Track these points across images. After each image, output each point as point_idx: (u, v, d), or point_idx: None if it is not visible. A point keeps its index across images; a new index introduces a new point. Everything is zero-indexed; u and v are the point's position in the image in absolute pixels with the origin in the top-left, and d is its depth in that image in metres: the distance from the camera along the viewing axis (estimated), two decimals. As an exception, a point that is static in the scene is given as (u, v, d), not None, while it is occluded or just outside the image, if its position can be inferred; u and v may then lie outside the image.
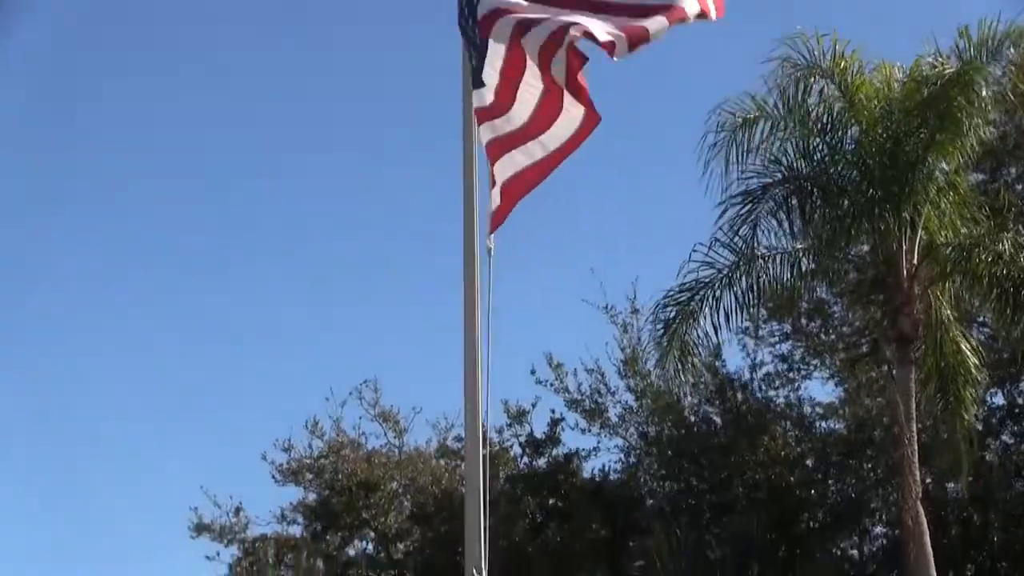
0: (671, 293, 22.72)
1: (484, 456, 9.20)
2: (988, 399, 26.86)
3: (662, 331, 22.94)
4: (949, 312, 22.48)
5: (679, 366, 22.88)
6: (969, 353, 22.59)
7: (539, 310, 36.34)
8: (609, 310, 29.15)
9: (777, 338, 29.68)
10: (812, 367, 29.77)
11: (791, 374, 29.56)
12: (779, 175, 22.23)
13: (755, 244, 22.13)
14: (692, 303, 22.42)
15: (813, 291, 27.95)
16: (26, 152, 42.32)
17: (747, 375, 29.28)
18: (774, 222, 22.03)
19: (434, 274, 36.51)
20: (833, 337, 29.67)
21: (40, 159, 43.55)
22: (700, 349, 23.18)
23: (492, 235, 9.56)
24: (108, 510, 45.69)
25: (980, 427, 24.26)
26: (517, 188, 9.64)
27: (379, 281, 45.89)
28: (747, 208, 21.88)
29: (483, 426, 9.29)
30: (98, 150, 46.67)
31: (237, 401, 46.39)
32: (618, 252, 36.38)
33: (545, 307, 32.70)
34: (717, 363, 28.95)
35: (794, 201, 22.06)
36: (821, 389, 30.00)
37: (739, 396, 28.99)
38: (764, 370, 29.41)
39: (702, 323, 22.48)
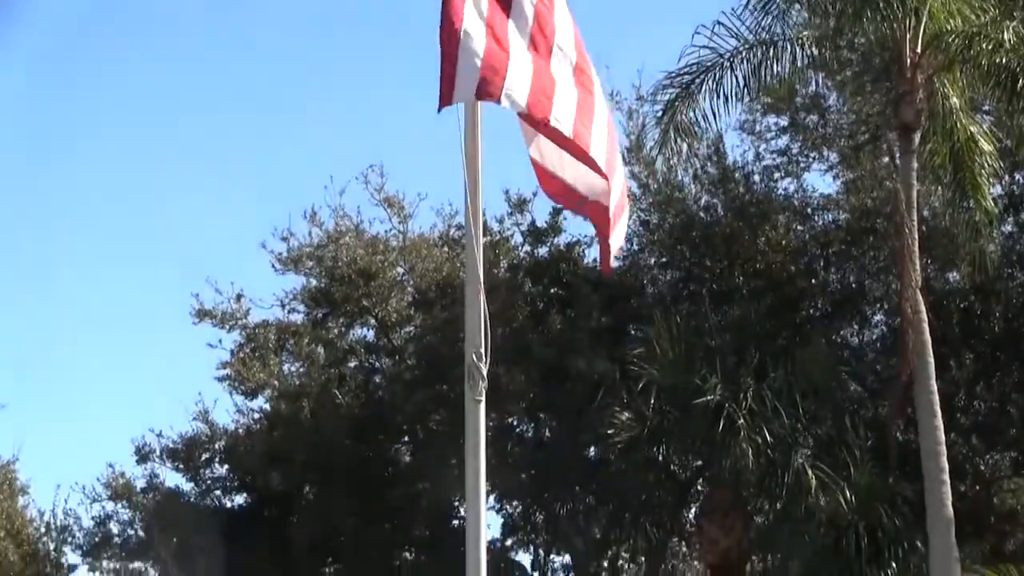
0: (672, 74, 22.63)
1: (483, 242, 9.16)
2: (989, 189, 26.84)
3: (661, 112, 22.92)
4: (957, 100, 22.36)
5: (677, 148, 22.89)
6: (982, 139, 22.54)
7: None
8: (614, 96, 28.94)
9: (775, 133, 29.55)
10: (811, 159, 29.69)
11: (790, 167, 29.48)
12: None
13: (761, 29, 21.98)
14: (692, 86, 22.33)
15: (814, 82, 27.81)
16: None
17: (749, 166, 29.22)
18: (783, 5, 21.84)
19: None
20: (831, 130, 29.52)
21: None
22: (698, 132, 23.17)
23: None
24: (109, 297, 46.08)
25: (979, 216, 24.25)
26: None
27: (382, 64, 45.66)
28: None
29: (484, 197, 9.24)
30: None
31: (235, 190, 46.45)
32: (625, 37, 35.99)
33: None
34: (720, 151, 28.89)
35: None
36: (820, 181, 30.03)
37: (741, 185, 28.92)
38: (764, 163, 29.35)
39: (701, 105, 22.44)
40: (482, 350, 8.85)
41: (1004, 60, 21.73)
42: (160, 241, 47.27)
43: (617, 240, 9.73)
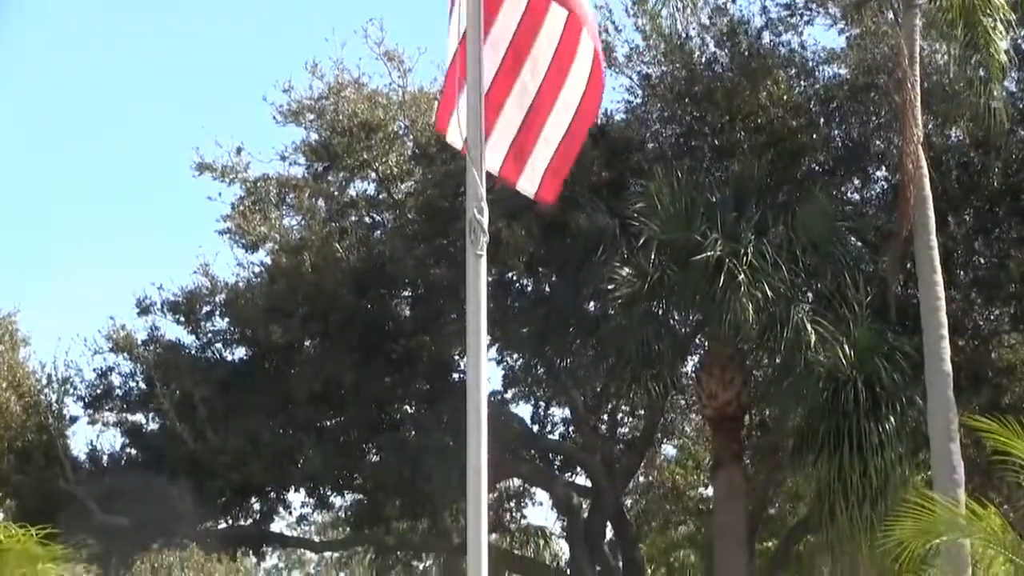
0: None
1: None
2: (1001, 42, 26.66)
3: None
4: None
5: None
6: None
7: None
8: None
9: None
10: (815, 13, 29.40)
11: (793, 19, 29.18)
12: None
13: None
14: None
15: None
16: None
17: (754, 19, 28.97)
18: None
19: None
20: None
21: None
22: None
23: None
24: (111, 150, 46.07)
25: (983, 72, 24.13)
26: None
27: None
28: None
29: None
30: None
31: (237, 41, 46.20)
32: None
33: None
34: (725, 3, 28.64)
35: None
36: (824, 35, 29.80)
37: (744, 40, 28.68)
38: (769, 16, 29.06)
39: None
40: (484, 204, 8.83)
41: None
42: (162, 95, 47.19)
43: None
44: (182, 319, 31.17)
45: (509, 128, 9.09)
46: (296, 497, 31.91)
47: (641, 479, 39.10)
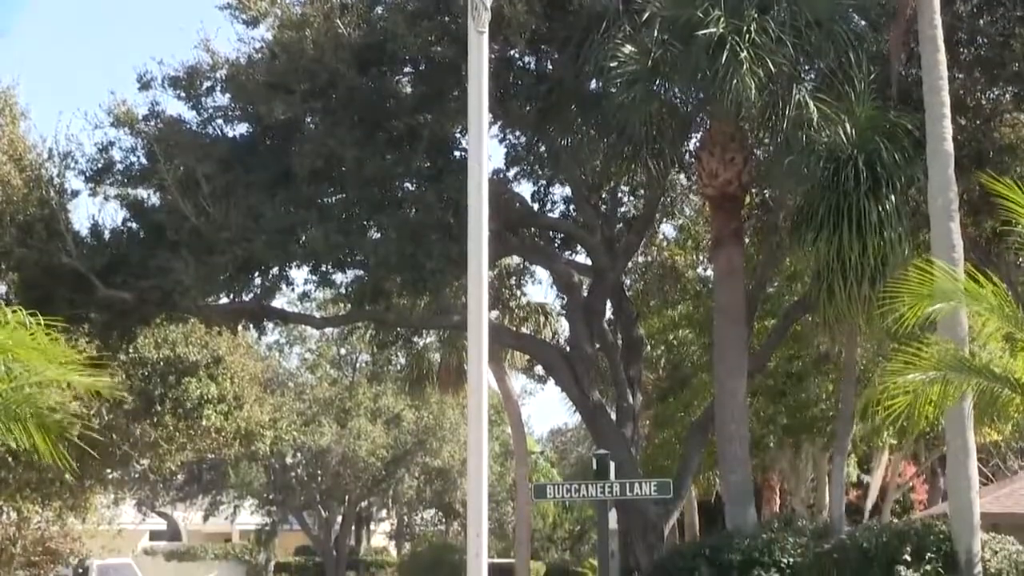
0: None
1: None
2: None
3: None
4: None
5: None
6: None
7: None
8: None
9: None
10: None
11: None
12: None
13: None
14: None
15: None
16: None
17: None
18: None
19: None
20: None
21: None
22: None
23: None
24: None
25: None
26: None
27: None
28: None
29: None
30: None
31: None
32: None
33: None
34: None
35: None
36: None
37: None
38: None
39: None
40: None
41: None
42: None
43: None
44: (183, 94, 30.98)
45: None
46: (298, 274, 32.09)
47: (641, 258, 39.33)
